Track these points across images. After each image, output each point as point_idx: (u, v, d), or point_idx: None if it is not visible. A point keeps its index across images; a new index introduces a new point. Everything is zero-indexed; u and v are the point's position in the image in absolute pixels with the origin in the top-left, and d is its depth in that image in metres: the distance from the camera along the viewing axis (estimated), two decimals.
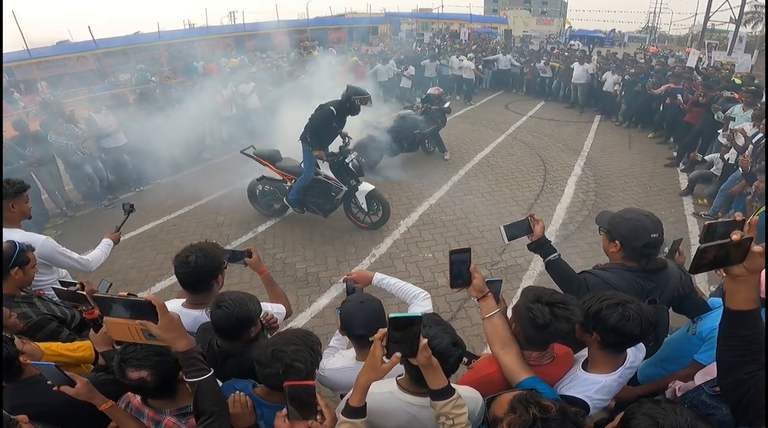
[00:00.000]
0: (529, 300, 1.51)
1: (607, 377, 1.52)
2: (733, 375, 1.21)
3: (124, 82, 12.76)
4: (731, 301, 1.18)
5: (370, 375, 1.26)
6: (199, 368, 1.26)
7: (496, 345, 1.57)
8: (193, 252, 1.89)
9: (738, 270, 1.14)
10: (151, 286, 4.42)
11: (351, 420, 1.26)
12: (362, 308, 1.70)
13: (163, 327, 1.18)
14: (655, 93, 8.68)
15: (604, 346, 1.54)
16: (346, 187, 5.11)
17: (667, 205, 6.12)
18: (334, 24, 26.64)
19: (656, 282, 1.88)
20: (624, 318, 1.42)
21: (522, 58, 14.63)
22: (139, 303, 1.16)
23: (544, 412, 1.08)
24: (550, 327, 1.46)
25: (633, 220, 1.84)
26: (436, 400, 1.29)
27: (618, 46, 31.03)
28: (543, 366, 1.58)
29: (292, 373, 1.32)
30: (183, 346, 1.23)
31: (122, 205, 3.06)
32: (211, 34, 19.32)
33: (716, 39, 18.45)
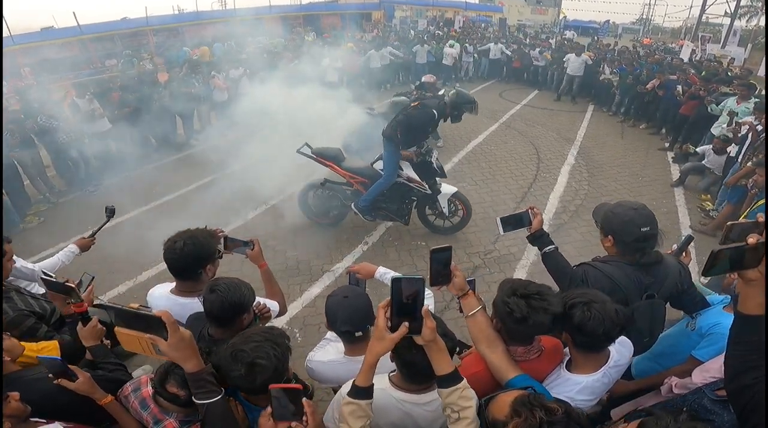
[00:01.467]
0: (505, 294, 1.47)
1: (588, 377, 1.50)
2: (740, 381, 1.18)
3: (110, 67, 12.42)
4: (744, 306, 1.15)
5: (377, 348, 1.20)
6: (209, 390, 1.21)
7: (482, 344, 1.53)
8: (182, 239, 1.83)
9: (753, 275, 1.10)
10: (137, 275, 4.32)
11: (357, 401, 1.21)
12: (345, 303, 1.63)
13: (172, 346, 1.13)
14: (645, 89, 8.66)
15: (576, 346, 1.52)
16: (429, 190, 4.62)
17: (658, 195, 6.15)
18: (327, 9, 26.18)
19: (654, 276, 1.86)
20: (585, 317, 1.39)
21: (513, 44, 14.50)
22: (149, 318, 1.13)
23: (550, 415, 1.05)
24: (529, 320, 1.42)
25: (621, 215, 1.82)
26: (441, 387, 1.25)
27: (612, 37, 30.97)
28: (530, 361, 1.55)
29: (256, 371, 1.27)
30: (192, 367, 1.18)
31: (105, 208, 2.79)
32: (201, 20, 18.87)
33: (710, 32, 18.47)
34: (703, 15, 21.41)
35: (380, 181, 4.53)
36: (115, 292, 4.12)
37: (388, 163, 4.51)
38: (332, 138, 5.85)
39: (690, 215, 5.57)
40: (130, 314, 1.13)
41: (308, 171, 6.38)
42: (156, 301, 1.94)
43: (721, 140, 5.69)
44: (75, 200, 5.99)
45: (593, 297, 1.44)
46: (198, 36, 16.30)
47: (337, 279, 4.32)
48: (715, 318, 1.96)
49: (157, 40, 16.40)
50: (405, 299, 1.14)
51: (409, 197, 4.74)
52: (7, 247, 2.07)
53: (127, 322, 1.13)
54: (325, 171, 4.92)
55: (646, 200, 5.79)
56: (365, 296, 1.72)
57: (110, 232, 5.16)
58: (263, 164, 6.83)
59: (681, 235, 5.03)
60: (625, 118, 9.70)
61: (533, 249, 4.78)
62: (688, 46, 12.33)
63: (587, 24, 34.39)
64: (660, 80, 8.26)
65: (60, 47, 14.19)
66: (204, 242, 1.87)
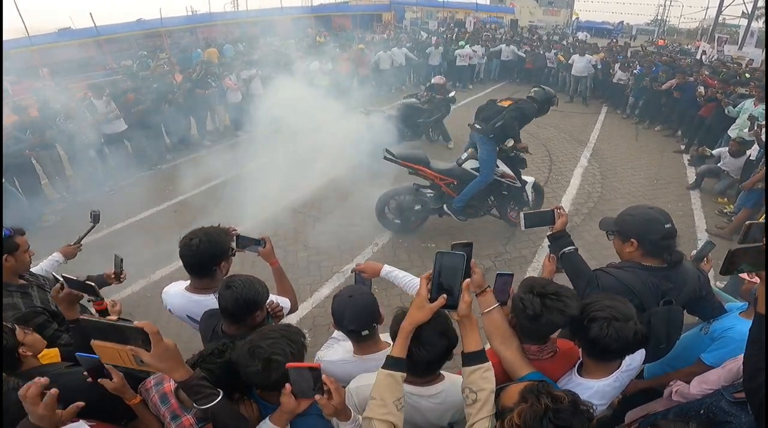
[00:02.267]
0: (522, 291, 1.49)
1: (600, 382, 1.49)
2: (758, 379, 1.19)
3: (125, 68, 12.64)
4: (762, 306, 1.16)
5: (417, 315, 1.23)
6: (206, 394, 1.19)
7: (496, 340, 1.54)
8: (198, 236, 1.85)
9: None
10: (150, 274, 4.38)
11: (392, 371, 1.22)
12: (351, 303, 1.64)
13: (156, 357, 1.09)
14: (661, 88, 8.54)
15: (588, 354, 1.51)
16: (520, 183, 4.61)
17: (674, 198, 6.05)
18: (339, 11, 26.30)
19: (673, 282, 1.81)
20: (602, 334, 1.37)
21: (525, 46, 14.39)
22: (130, 330, 1.08)
23: (556, 402, 1.06)
24: (542, 319, 1.43)
25: (642, 215, 1.79)
26: (466, 365, 1.26)
27: (627, 38, 30.58)
28: (543, 360, 1.55)
29: (272, 367, 1.27)
30: (180, 376, 1.16)
31: (90, 213, 2.72)
32: (215, 21, 19.12)
33: (727, 33, 18.12)
34: (720, 16, 21.00)
35: (478, 179, 4.52)
36: (128, 291, 4.18)
37: (487, 162, 4.48)
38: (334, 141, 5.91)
39: (706, 219, 5.47)
40: (109, 327, 1.08)
41: (322, 170, 6.43)
42: (171, 299, 1.97)
43: (738, 142, 5.59)
44: (92, 200, 6.09)
45: (617, 314, 1.39)
46: (211, 37, 16.50)
47: (346, 280, 4.33)
48: (729, 323, 1.94)
49: (171, 41, 16.63)
50: (446, 273, 1.20)
51: (499, 192, 4.75)
52: (22, 240, 2.08)
53: (105, 335, 1.08)
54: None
55: (661, 203, 5.71)
56: (370, 295, 1.73)
57: (124, 232, 5.28)
58: (274, 165, 6.89)
59: (697, 239, 4.94)
60: (640, 120, 9.57)
61: (544, 252, 4.74)
62: (704, 47, 12.09)
63: (600, 25, 34.02)
64: (679, 81, 8.13)
65: (77, 48, 14.49)
66: (218, 239, 1.89)
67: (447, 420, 1.46)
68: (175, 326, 2.46)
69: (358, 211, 5.35)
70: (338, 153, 7.12)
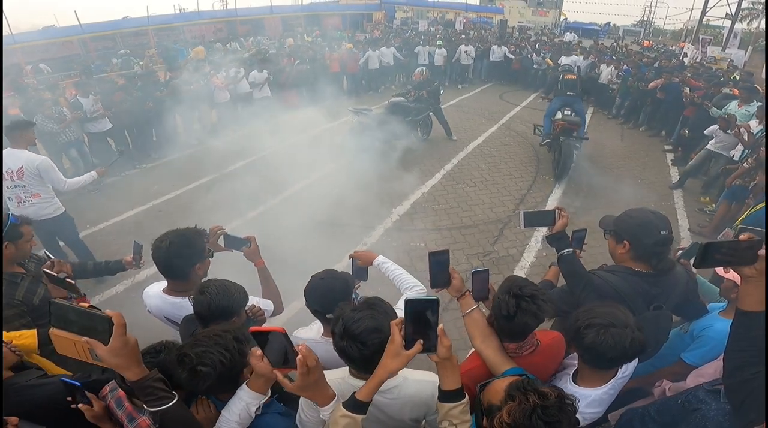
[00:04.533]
0: (501, 291, 1.50)
1: (596, 391, 1.49)
2: (739, 376, 1.21)
3: (110, 66, 12.44)
4: (743, 302, 1.19)
5: (391, 365, 1.16)
6: (159, 397, 1.13)
7: (477, 339, 1.56)
8: (169, 238, 1.82)
9: (748, 271, 1.14)
10: (135, 274, 4.32)
11: (353, 414, 1.17)
12: (321, 284, 1.70)
13: (111, 351, 1.02)
14: (649, 87, 8.67)
15: (585, 362, 1.51)
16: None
17: (658, 198, 6.15)
18: (328, 10, 26.21)
19: (663, 287, 1.83)
20: (597, 341, 1.37)
21: (512, 45, 14.51)
22: (97, 318, 1.03)
23: (544, 399, 1.07)
24: (515, 319, 1.44)
25: (640, 218, 1.78)
26: (445, 401, 1.25)
27: (613, 39, 30.99)
28: (523, 356, 1.56)
29: (198, 378, 1.23)
30: (132, 375, 1.09)
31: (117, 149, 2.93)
32: (203, 19, 18.91)
33: (711, 34, 18.47)
34: (704, 17, 21.38)
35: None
36: (113, 291, 4.13)
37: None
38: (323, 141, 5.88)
39: (689, 218, 5.57)
40: (77, 313, 1.03)
41: (304, 173, 6.41)
42: (149, 300, 1.94)
43: (724, 119, 5.56)
44: (74, 199, 5.98)
45: (614, 321, 1.38)
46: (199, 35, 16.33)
47: None
48: (707, 322, 1.98)
49: (158, 39, 16.42)
50: (419, 318, 1.16)
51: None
52: (27, 229, 2.12)
53: (68, 322, 1.03)
54: None
55: (645, 203, 5.81)
56: (344, 280, 1.75)
57: (108, 232, 5.19)
58: (263, 164, 6.86)
59: (681, 237, 5.03)
60: (625, 121, 9.70)
61: (532, 251, 4.79)
62: (688, 48, 12.32)
63: (588, 26, 34.43)
64: (664, 81, 8.26)
65: (61, 46, 14.22)
66: (191, 241, 1.85)
67: (407, 415, 1.45)
68: (159, 327, 2.44)
69: (347, 209, 5.34)
70: (327, 152, 7.13)
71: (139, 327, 2.23)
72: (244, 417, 1.26)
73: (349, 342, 1.26)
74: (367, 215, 5.38)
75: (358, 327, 1.25)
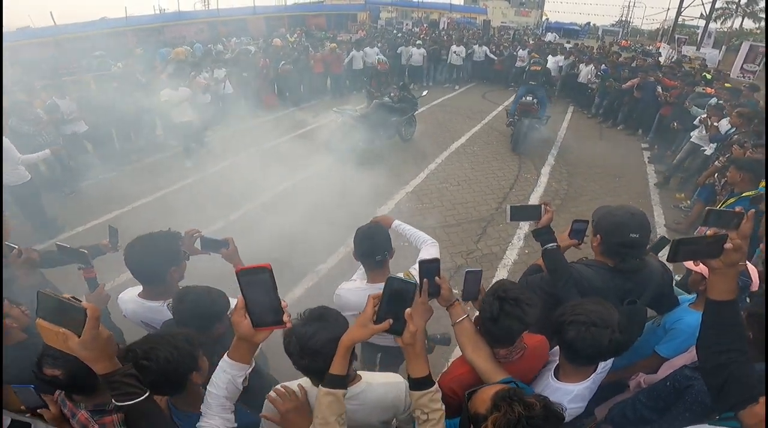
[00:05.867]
0: (487, 293, 1.52)
1: (578, 386, 1.52)
2: (714, 361, 1.26)
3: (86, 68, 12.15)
4: (712, 292, 1.26)
5: (357, 333, 1.23)
6: (127, 392, 1.11)
7: (468, 349, 1.56)
8: (141, 242, 1.80)
9: (715, 264, 1.22)
10: (115, 277, 4.24)
11: (333, 391, 1.20)
12: (369, 233, 2.03)
13: (82, 343, 1.03)
14: (623, 87, 8.88)
15: (565, 357, 1.54)
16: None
17: (635, 195, 6.30)
18: (313, 10, 26.12)
19: (637, 282, 1.87)
20: (578, 338, 1.40)
21: (496, 49, 14.68)
22: (73, 309, 1.04)
23: (529, 410, 1.08)
24: (499, 323, 1.45)
25: (617, 217, 1.82)
26: (414, 389, 1.27)
27: (592, 39, 31.59)
28: (514, 362, 1.57)
29: (143, 371, 1.22)
30: (101, 369, 1.09)
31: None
32: (183, 20, 18.63)
33: (686, 34, 18.99)
34: (680, 17, 21.97)
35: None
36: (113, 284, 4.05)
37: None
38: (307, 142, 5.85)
39: (665, 214, 5.72)
40: (56, 303, 1.04)
41: (288, 174, 6.39)
42: (125, 305, 1.92)
43: (714, 108, 5.64)
44: (51, 202, 5.85)
45: (597, 320, 1.40)
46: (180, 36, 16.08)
47: (320, 280, 4.31)
48: (678, 315, 2.03)
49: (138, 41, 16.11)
50: (395, 299, 1.20)
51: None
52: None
53: (51, 312, 1.04)
54: None
55: (623, 200, 5.95)
56: (386, 232, 2.09)
57: (87, 235, 5.08)
58: (243, 165, 6.80)
59: (657, 234, 5.17)
60: (604, 120, 9.91)
61: (515, 249, 4.87)
62: (664, 48, 12.64)
63: (569, 26, 35.02)
64: (640, 80, 8.46)
65: (36, 47, 13.85)
66: (164, 245, 1.83)
67: (376, 419, 1.46)
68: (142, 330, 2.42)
69: (330, 211, 5.34)
70: (310, 153, 7.11)
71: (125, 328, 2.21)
72: (231, 390, 1.21)
73: (311, 360, 1.25)
74: (351, 215, 5.38)
75: (315, 343, 1.24)
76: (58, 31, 14.27)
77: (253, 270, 1.04)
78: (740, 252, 1.20)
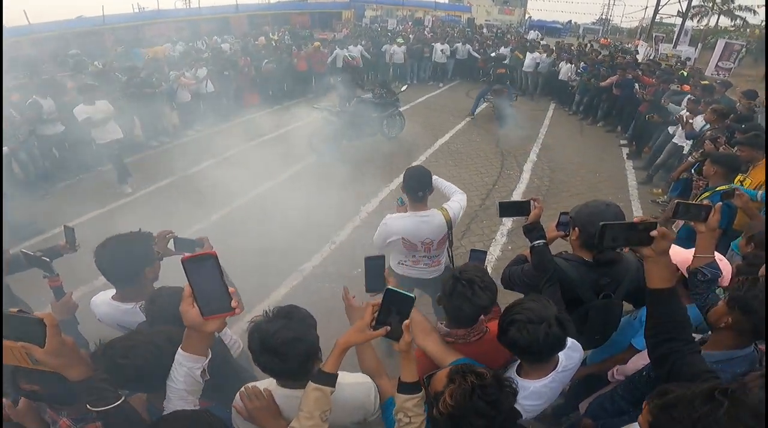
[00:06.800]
0: (447, 273, 1.59)
1: (536, 383, 1.52)
2: (658, 351, 1.30)
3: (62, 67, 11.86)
4: (648, 281, 1.28)
5: (353, 337, 1.28)
6: (102, 397, 1.10)
7: (419, 337, 1.63)
8: (112, 244, 1.77)
9: (646, 252, 1.23)
10: (93, 280, 4.15)
11: (323, 387, 1.23)
12: (417, 172, 2.53)
13: (50, 353, 1.00)
14: (602, 85, 9.05)
15: (516, 355, 1.56)
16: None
17: (614, 190, 6.43)
18: (297, 9, 25.90)
19: (612, 276, 1.91)
20: (516, 336, 1.39)
21: (480, 47, 14.80)
22: (28, 322, 1.00)
23: (481, 379, 1.13)
24: (451, 301, 1.53)
25: (592, 207, 1.86)
26: (401, 392, 1.31)
27: (574, 37, 32.07)
28: (471, 344, 1.62)
29: (116, 370, 1.21)
30: (75, 375, 1.07)
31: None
32: (163, 18, 18.27)
33: (663, 32, 19.40)
34: (657, 15, 22.43)
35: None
36: (81, 292, 3.97)
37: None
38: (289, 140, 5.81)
39: (643, 209, 5.85)
40: (7, 318, 1.00)
41: (271, 173, 6.34)
42: (98, 308, 1.89)
43: (693, 102, 5.73)
44: (25, 204, 5.70)
45: (533, 317, 1.39)
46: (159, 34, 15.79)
47: (304, 279, 4.30)
48: None
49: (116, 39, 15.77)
50: (392, 309, 1.25)
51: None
52: None
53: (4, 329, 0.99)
54: None
55: (602, 195, 6.06)
56: (429, 174, 2.57)
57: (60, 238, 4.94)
58: (225, 165, 6.72)
59: None
60: (584, 117, 10.08)
61: (498, 246, 4.92)
62: (641, 46, 12.90)
63: (551, 24, 35.50)
64: (619, 78, 8.62)
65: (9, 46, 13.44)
66: (135, 246, 1.81)
67: (348, 419, 1.47)
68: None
69: (315, 209, 5.33)
70: (292, 152, 7.07)
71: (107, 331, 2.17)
72: (190, 382, 1.18)
73: (269, 357, 1.25)
74: (336, 214, 5.39)
75: (276, 340, 1.24)
76: (32, 29, 13.84)
77: (198, 257, 1.01)
78: (668, 239, 1.21)
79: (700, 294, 1.70)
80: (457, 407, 1.12)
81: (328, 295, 4.04)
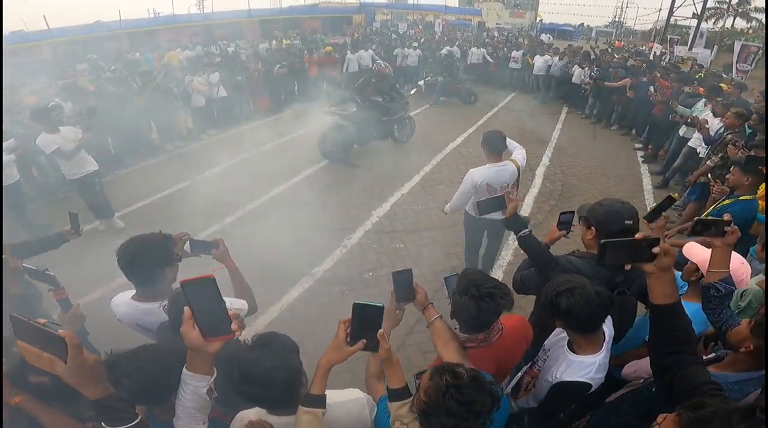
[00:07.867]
0: (458, 291, 1.57)
1: (597, 356, 1.57)
2: (660, 362, 1.29)
3: (80, 71, 12.12)
4: (651, 296, 1.25)
5: (333, 356, 1.28)
6: (118, 417, 1.09)
7: (439, 345, 1.64)
8: (133, 244, 1.80)
9: (648, 268, 1.19)
10: (110, 281, 4.23)
11: (313, 410, 1.23)
12: (495, 134, 3.33)
13: (70, 371, 1.01)
14: (613, 86, 8.94)
15: (573, 329, 1.57)
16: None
17: (628, 194, 6.33)
18: (308, 13, 26.17)
19: (626, 274, 1.88)
20: (570, 303, 1.45)
21: (493, 51, 14.74)
22: (52, 337, 1.02)
23: (457, 378, 1.14)
24: (479, 319, 1.54)
25: (608, 206, 1.86)
26: (393, 400, 1.31)
27: (586, 40, 31.79)
28: (493, 343, 1.63)
29: (122, 387, 1.22)
30: (92, 394, 1.07)
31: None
32: (178, 23, 18.61)
33: (678, 34, 19.13)
34: (672, 17, 22.13)
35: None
36: (88, 299, 4.03)
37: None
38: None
39: None
40: (34, 329, 1.02)
41: (283, 177, 6.39)
42: (118, 309, 1.92)
43: (722, 105, 5.49)
44: (46, 207, 5.83)
45: (575, 284, 1.48)
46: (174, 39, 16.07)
47: (315, 282, 4.32)
48: None
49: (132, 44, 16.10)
50: (364, 321, 1.26)
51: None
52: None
53: (29, 337, 1.02)
54: None
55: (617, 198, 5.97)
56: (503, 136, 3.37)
57: (80, 239, 5.05)
58: (238, 169, 6.79)
59: None
60: (597, 120, 9.97)
61: (510, 250, 4.88)
62: (656, 48, 12.73)
63: (563, 27, 35.25)
64: (632, 80, 8.50)
65: (29, 51, 13.80)
66: (156, 246, 1.84)
67: None
68: (138, 334, 2.41)
69: (326, 212, 5.36)
70: (303, 155, 7.12)
71: (119, 333, 2.21)
72: (198, 401, 1.19)
73: (250, 386, 1.24)
74: (347, 218, 5.40)
75: (255, 369, 1.23)
76: (51, 34, 14.20)
77: (196, 281, 1.04)
78: (670, 256, 1.17)
79: (713, 309, 1.67)
80: (429, 404, 1.14)
81: (339, 299, 4.05)
